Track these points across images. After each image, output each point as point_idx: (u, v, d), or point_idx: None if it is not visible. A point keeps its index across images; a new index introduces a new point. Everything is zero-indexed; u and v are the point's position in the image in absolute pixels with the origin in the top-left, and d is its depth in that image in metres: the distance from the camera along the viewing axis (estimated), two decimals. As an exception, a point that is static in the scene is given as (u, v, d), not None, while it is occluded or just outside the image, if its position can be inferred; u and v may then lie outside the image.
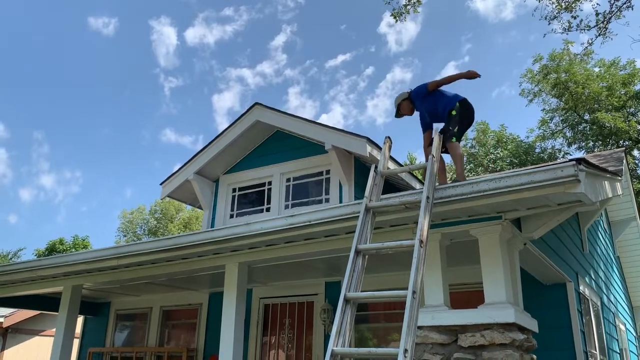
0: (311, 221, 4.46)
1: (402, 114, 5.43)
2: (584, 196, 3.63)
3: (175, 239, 5.38)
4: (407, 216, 4.15)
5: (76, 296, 7.00)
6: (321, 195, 7.66)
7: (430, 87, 5.16)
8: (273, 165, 8.15)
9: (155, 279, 6.70)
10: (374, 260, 5.36)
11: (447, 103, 5.03)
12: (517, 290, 4.30)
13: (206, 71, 62.59)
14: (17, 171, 57.66)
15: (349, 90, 61.28)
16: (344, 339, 3.10)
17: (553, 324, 5.78)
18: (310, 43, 62.03)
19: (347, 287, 3.33)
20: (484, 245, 4.13)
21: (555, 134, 26.96)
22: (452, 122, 4.92)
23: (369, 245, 3.65)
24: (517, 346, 3.72)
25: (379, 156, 6.02)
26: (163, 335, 8.83)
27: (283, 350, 7.56)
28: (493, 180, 3.68)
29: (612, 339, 8.43)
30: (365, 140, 7.02)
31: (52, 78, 60.36)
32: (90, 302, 9.46)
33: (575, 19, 10.09)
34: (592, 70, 25.54)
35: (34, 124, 60.38)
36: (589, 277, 7.43)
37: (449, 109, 4.98)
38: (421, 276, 3.24)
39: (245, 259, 5.39)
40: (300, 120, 7.80)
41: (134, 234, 41.49)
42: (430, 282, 4.17)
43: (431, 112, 5.16)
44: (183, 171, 8.57)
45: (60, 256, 6.39)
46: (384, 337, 6.98)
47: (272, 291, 7.77)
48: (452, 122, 4.92)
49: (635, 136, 23.94)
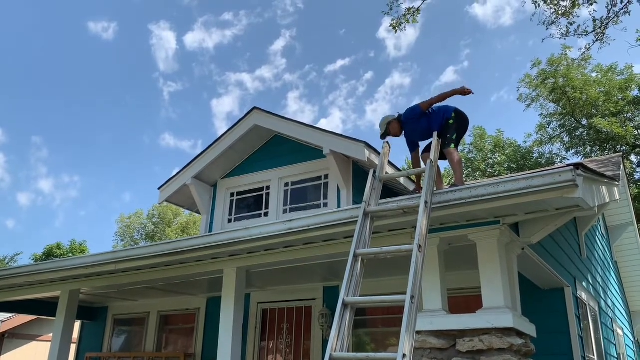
0: (310, 226, 4.46)
1: (390, 134, 5.42)
2: (582, 201, 3.64)
3: (173, 243, 5.38)
4: (406, 221, 4.15)
5: (73, 301, 6.98)
6: (319, 200, 7.66)
7: (424, 108, 5.18)
8: (271, 170, 8.15)
9: (153, 283, 6.68)
10: (373, 264, 5.35)
11: (444, 113, 5.10)
12: (515, 295, 4.30)
13: (205, 76, 62.72)
14: (15, 175, 57.59)
15: (348, 95, 61.46)
16: (342, 343, 3.10)
17: (551, 328, 5.78)
18: (309, 48, 62.24)
19: (346, 292, 3.33)
20: (482, 249, 4.14)
21: (553, 139, 27.04)
22: (450, 129, 4.98)
23: (367, 249, 3.65)
24: (515, 351, 3.72)
25: (377, 161, 6.04)
26: (161, 340, 8.80)
27: (281, 355, 7.54)
28: (491, 185, 3.69)
29: (609, 344, 8.43)
30: (363, 145, 7.02)
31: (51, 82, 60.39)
32: (88, 307, 9.43)
33: (572, 25, 10.14)
34: (590, 76, 25.64)
35: (32, 129, 60.41)
36: (586, 282, 7.43)
37: (447, 117, 5.05)
38: (419, 281, 3.24)
39: (243, 263, 5.39)
40: (299, 124, 7.80)
41: (131, 238, 41.41)
42: (429, 287, 4.17)
43: (425, 131, 5.17)
44: (181, 176, 8.56)
45: (57, 261, 6.37)
46: (382, 342, 6.97)
47: (270, 296, 7.75)
48: (450, 130, 4.98)
49: (632, 141, 24.01)
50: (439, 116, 5.11)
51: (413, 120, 5.22)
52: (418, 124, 5.20)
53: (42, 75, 59.86)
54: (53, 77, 60.52)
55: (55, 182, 60.33)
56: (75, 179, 61.26)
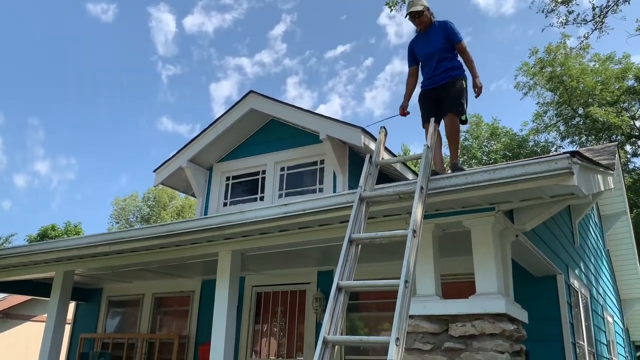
0: (305, 210, 4.46)
1: (418, 19, 5.04)
2: (577, 189, 3.65)
3: (168, 225, 5.37)
4: (401, 206, 4.16)
5: (68, 282, 6.99)
6: (315, 185, 7.66)
7: (461, 46, 4.93)
8: (267, 154, 8.13)
9: (148, 265, 6.69)
10: (367, 250, 5.37)
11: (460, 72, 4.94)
12: (508, 281, 4.33)
13: (204, 60, 62.30)
14: (11, 157, 57.34)
15: (348, 81, 61.20)
16: (335, 326, 3.12)
17: (543, 315, 5.83)
18: (310, 33, 61.87)
19: (340, 276, 3.34)
20: (476, 236, 4.15)
21: (549, 127, 27.08)
22: (463, 93, 4.87)
23: (362, 234, 3.66)
24: (507, 336, 3.76)
25: (374, 146, 6.02)
26: (155, 322, 8.84)
27: (275, 338, 7.60)
28: (487, 171, 3.69)
29: (600, 331, 8.53)
30: (360, 131, 7.01)
31: (48, 64, 59.88)
32: (82, 288, 9.45)
33: (571, 14, 10.10)
34: (587, 65, 25.60)
35: (29, 110, 59.95)
36: (579, 270, 7.50)
37: (462, 76, 4.91)
38: (413, 266, 3.26)
39: (238, 246, 5.40)
40: (295, 109, 7.77)
41: (126, 221, 41.40)
42: (423, 272, 4.19)
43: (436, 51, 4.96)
44: (176, 158, 8.53)
45: (52, 242, 6.36)
46: (375, 326, 7.03)
47: (264, 279, 7.79)
48: (463, 94, 4.87)
49: (627, 131, 24.07)
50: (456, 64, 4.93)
51: (443, 31, 4.93)
52: (440, 40, 4.92)
53: (40, 56, 59.38)
54: (51, 58, 60.01)
55: (52, 164, 60.16)
56: (72, 161, 61.11)
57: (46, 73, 60.17)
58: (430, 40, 5.03)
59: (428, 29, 5.07)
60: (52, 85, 60.25)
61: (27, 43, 57.36)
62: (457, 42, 4.94)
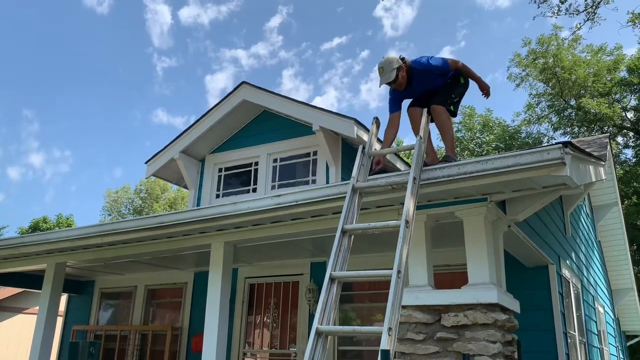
0: (298, 201, 4.45)
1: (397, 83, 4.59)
2: (569, 179, 3.66)
3: (160, 217, 5.34)
4: (394, 197, 4.16)
5: (60, 274, 6.95)
6: (308, 177, 7.65)
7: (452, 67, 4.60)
8: (260, 146, 8.10)
9: (140, 257, 6.66)
10: (360, 241, 5.38)
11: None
12: (500, 272, 4.35)
13: (200, 52, 61.93)
14: (5, 149, 56.86)
15: (344, 73, 61.06)
16: (328, 317, 3.12)
17: (534, 305, 5.88)
18: (305, 25, 61.58)
19: (333, 266, 3.34)
20: (468, 226, 4.16)
21: (541, 118, 27.16)
22: (456, 88, 4.64)
23: (355, 225, 3.66)
24: (499, 326, 3.78)
25: (366, 138, 6.01)
26: (148, 313, 8.83)
27: (268, 329, 7.61)
28: (479, 162, 3.69)
29: (590, 321, 8.60)
30: (352, 122, 6.99)
31: (43, 56, 59.27)
32: (74, 280, 9.41)
33: (563, 3, 10.11)
34: (580, 56, 25.67)
35: (23, 102, 59.41)
36: (570, 260, 7.54)
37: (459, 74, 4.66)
38: (406, 256, 3.26)
39: (231, 238, 5.38)
40: (288, 100, 7.74)
41: (118, 213, 41.23)
42: (415, 263, 4.20)
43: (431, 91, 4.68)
44: (168, 150, 8.48)
45: (43, 233, 6.32)
46: (368, 317, 7.05)
47: (257, 271, 7.78)
48: (457, 89, 4.65)
49: (619, 122, 24.19)
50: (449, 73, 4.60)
51: (428, 74, 4.56)
52: (430, 81, 4.60)
53: (34, 47, 58.75)
54: (45, 49, 59.42)
55: (46, 157, 59.76)
56: (66, 154, 60.70)
57: (41, 65, 59.69)
58: (421, 83, 4.67)
59: (411, 78, 4.65)
60: (47, 77, 59.81)
61: (22, 34, 56.85)
62: (449, 68, 4.59)
